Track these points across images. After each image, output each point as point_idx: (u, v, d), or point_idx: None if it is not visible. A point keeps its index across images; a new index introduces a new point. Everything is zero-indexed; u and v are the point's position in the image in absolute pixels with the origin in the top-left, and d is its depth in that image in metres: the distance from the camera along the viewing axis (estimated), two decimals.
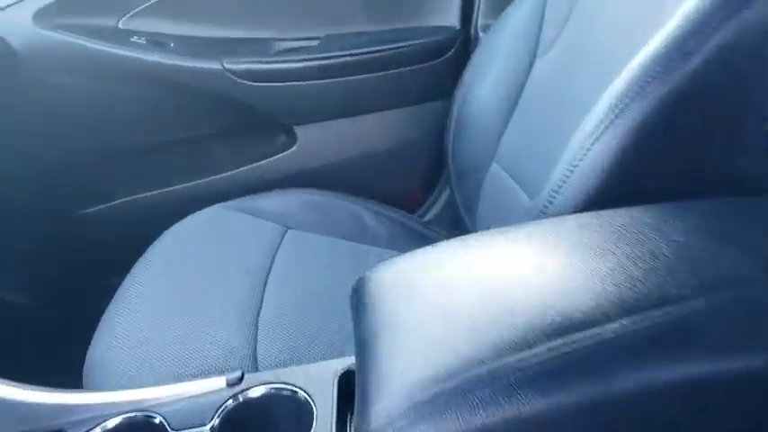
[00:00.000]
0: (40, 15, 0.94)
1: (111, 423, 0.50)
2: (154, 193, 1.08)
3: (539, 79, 0.80)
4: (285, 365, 0.66)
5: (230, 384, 0.54)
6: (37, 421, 0.52)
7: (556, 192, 0.53)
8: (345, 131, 1.09)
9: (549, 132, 0.72)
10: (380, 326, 0.42)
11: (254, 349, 0.68)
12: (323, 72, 1.02)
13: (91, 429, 0.50)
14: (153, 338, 0.66)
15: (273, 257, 0.83)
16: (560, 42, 0.77)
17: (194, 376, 0.63)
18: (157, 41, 1.00)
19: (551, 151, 0.67)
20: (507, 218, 0.74)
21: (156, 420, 0.50)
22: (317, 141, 1.07)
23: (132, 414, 0.51)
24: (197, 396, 0.54)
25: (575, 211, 0.52)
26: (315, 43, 1.06)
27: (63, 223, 1.07)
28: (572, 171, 0.53)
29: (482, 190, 0.86)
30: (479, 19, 1.06)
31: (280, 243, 0.86)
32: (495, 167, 0.83)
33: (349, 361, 0.53)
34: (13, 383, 0.55)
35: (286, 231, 0.88)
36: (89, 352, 0.66)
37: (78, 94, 0.97)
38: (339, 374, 0.54)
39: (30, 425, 0.52)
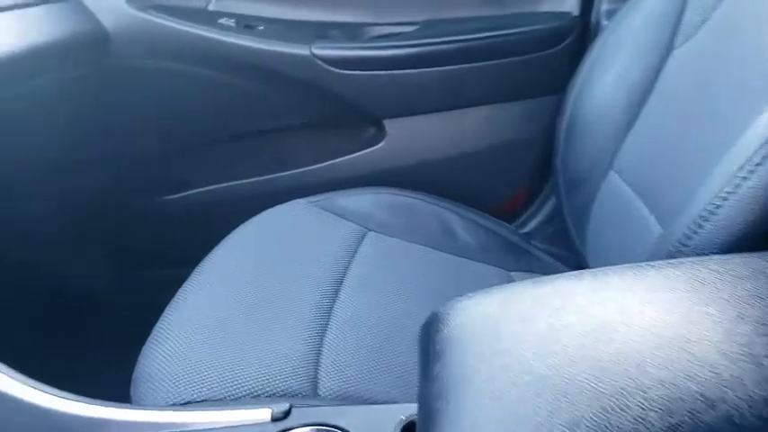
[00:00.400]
0: None
1: None
2: (234, 183, 1.04)
3: (676, 73, 0.67)
4: (347, 395, 0.59)
5: (275, 419, 0.48)
6: None
7: (705, 219, 0.40)
8: (441, 127, 1.00)
9: (687, 140, 0.59)
10: (451, 385, 0.32)
11: (316, 369, 0.61)
12: (420, 60, 0.93)
13: None
14: (207, 350, 0.61)
15: (349, 263, 0.76)
16: (709, 27, 0.62)
17: (245, 396, 0.57)
18: (247, 24, 0.95)
19: (691, 164, 0.55)
20: (627, 242, 0.62)
21: None
22: (409, 137, 0.99)
23: None
24: (237, 427, 0.48)
25: (726, 250, 0.39)
26: (412, 29, 0.98)
27: (142, 209, 1.05)
28: (727, 196, 0.39)
29: (595, 203, 0.76)
30: (603, 4, 0.93)
31: (358, 247, 0.79)
32: (613, 177, 0.72)
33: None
34: (55, 391, 0.53)
35: (366, 234, 0.82)
36: (139, 361, 0.62)
37: (165, 79, 0.94)
38: (403, 424, 0.45)
39: None
